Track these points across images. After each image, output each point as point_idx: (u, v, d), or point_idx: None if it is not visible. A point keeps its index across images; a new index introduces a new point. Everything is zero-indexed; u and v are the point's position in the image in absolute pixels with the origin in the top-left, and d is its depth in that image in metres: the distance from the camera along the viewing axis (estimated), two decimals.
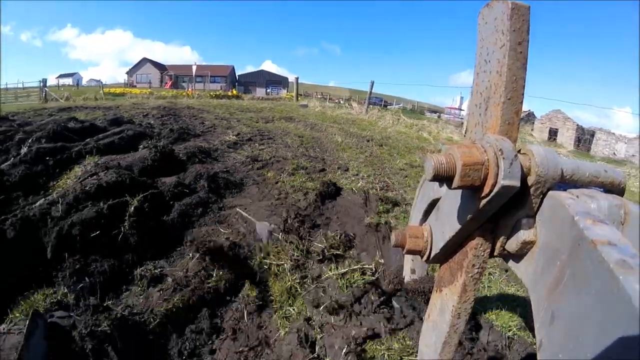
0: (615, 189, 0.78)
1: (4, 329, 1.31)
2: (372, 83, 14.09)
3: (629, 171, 9.05)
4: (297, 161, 4.31)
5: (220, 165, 3.87)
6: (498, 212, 0.72)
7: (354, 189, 3.45)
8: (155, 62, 57.37)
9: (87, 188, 2.35)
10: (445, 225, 0.85)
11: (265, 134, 6.31)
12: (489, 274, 2.37)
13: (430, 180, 0.68)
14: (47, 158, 3.39)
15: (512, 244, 0.73)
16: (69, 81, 55.43)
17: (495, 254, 0.79)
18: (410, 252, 0.98)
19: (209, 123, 7.20)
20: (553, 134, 30.71)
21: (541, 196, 0.69)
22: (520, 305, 1.96)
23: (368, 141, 6.55)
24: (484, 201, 0.66)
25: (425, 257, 0.97)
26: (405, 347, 1.49)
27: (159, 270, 1.88)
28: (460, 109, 33.36)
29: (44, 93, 19.20)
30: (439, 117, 26.85)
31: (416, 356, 1.42)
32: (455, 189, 0.66)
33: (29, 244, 1.86)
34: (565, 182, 0.74)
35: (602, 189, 0.77)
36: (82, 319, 1.35)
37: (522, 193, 0.68)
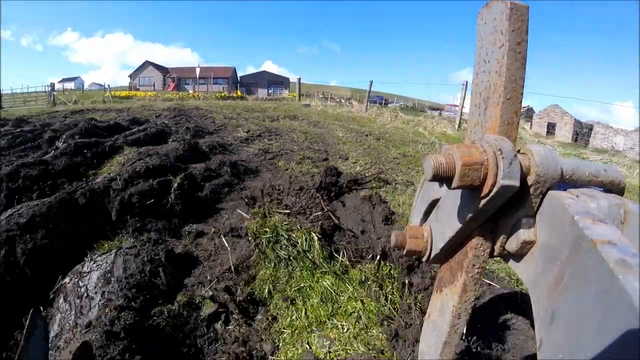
0: (615, 188, 0.78)
1: (88, 267, 1.74)
2: (371, 82, 15.07)
3: (610, 158, 9.48)
4: (303, 153, 4.81)
5: (236, 157, 4.39)
6: (498, 211, 0.72)
7: (352, 172, 3.90)
8: (157, 64, 58.04)
9: (138, 169, 2.99)
10: (445, 226, 0.85)
11: (272, 130, 6.89)
12: None
13: (430, 181, 0.68)
14: (85, 151, 3.93)
15: (512, 244, 0.73)
16: (71, 85, 55.93)
17: (495, 253, 0.79)
18: (410, 252, 0.98)
19: (219, 122, 7.87)
20: (551, 128, 31.00)
21: (541, 196, 0.69)
22: None
23: (366, 136, 7.04)
24: (483, 201, 0.66)
25: (425, 258, 0.97)
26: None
27: (201, 229, 2.42)
28: (457, 105, 34.64)
29: (52, 97, 20.03)
30: (440, 114, 27.63)
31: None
32: (454, 189, 0.66)
33: (95, 210, 2.40)
34: (565, 182, 0.74)
35: (601, 189, 0.77)
36: (145, 248, 1.85)
37: (522, 193, 0.68)
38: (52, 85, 22.87)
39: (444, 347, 0.88)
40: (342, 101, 22.35)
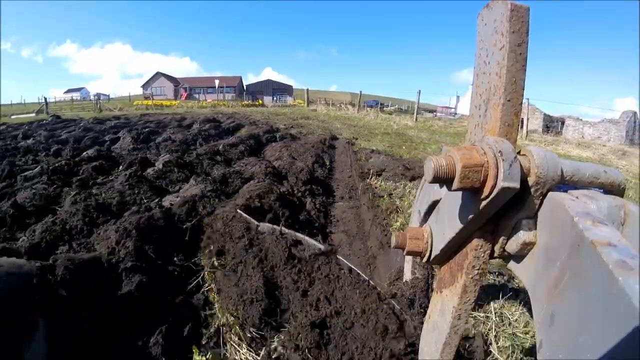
0: (615, 189, 0.78)
1: (266, 149, 6.66)
2: (361, 92, 21.87)
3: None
4: (319, 133, 9.24)
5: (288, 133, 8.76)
6: (498, 213, 0.72)
7: (343, 137, 8.77)
8: (168, 75, 61.63)
9: (265, 130, 8.32)
10: (445, 227, 0.85)
11: (298, 124, 11.43)
12: None
13: (430, 182, 0.68)
14: (217, 128, 8.63)
15: (512, 245, 0.73)
16: (76, 95, 57.37)
17: (495, 255, 0.79)
18: (410, 253, 0.98)
19: (262, 121, 11.83)
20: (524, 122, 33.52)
21: (541, 197, 0.69)
22: None
23: (354, 126, 12.32)
24: (484, 203, 0.66)
25: (425, 259, 0.97)
26: None
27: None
28: (450, 107, 43.74)
29: (98, 105, 23.93)
30: (435, 115, 32.76)
31: None
32: (455, 190, 0.67)
33: (259, 140, 6.85)
34: (565, 183, 0.74)
35: (602, 190, 0.77)
36: (279, 145, 6.42)
37: (522, 194, 0.68)
38: (99, 95, 29.37)
39: (444, 348, 0.88)
40: (342, 106, 27.46)
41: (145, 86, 58.88)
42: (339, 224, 2.93)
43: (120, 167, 3.93)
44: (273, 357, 1.32)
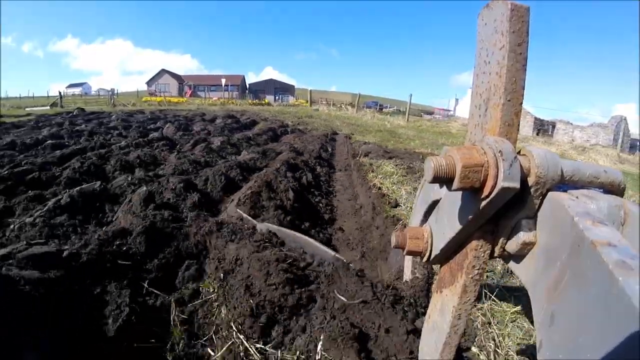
0: (615, 189, 0.78)
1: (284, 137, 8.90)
2: (359, 93, 25.09)
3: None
4: (322, 129, 10.85)
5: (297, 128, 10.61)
6: (498, 213, 0.72)
7: (343, 133, 10.59)
8: (172, 72, 62.53)
9: (279, 125, 10.32)
10: (445, 227, 0.85)
11: (303, 122, 13.25)
12: None
13: (430, 182, 0.67)
14: (238, 122, 10.71)
15: (512, 245, 0.73)
16: (78, 90, 57.90)
17: (495, 255, 0.79)
18: (410, 253, 0.98)
19: (271, 118, 13.48)
20: None
21: (541, 197, 0.69)
22: None
23: (352, 124, 13.93)
24: (484, 202, 0.66)
25: (425, 258, 0.97)
26: None
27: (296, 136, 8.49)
28: (447, 110, 45.79)
29: (112, 100, 24.96)
30: (432, 117, 34.99)
31: None
32: (455, 190, 0.66)
33: (276, 132, 8.82)
34: (565, 183, 0.74)
35: (601, 190, 0.77)
36: (292, 135, 8.96)
37: (522, 194, 0.68)
38: (113, 90, 31.50)
39: (444, 348, 0.88)
40: (342, 106, 29.02)
41: (149, 83, 59.48)
42: (338, 182, 4.79)
43: (178, 145, 5.71)
44: None
